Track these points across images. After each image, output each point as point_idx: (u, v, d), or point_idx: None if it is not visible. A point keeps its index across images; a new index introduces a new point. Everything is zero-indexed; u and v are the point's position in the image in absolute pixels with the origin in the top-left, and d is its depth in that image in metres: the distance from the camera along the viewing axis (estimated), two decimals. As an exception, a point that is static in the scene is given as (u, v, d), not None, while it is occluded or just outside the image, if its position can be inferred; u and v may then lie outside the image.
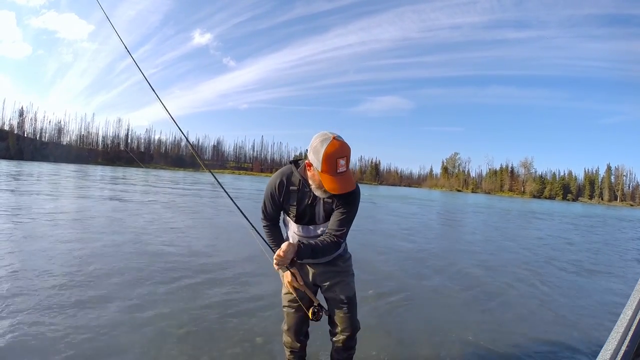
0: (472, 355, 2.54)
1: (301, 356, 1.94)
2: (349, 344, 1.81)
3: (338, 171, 1.44)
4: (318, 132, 1.50)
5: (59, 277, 3.41)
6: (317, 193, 1.57)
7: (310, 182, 1.57)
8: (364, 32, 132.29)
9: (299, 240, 1.59)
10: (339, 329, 1.79)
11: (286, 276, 1.73)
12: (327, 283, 1.77)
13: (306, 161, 1.54)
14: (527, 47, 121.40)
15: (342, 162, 1.43)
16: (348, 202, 1.59)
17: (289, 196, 1.65)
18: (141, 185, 18.92)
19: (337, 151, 1.42)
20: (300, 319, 1.83)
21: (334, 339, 1.83)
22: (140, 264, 4.07)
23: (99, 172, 34.96)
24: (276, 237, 1.75)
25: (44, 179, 18.17)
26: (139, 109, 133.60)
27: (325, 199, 1.62)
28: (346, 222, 1.60)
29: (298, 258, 1.51)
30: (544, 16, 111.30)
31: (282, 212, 1.75)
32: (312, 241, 1.58)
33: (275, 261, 1.48)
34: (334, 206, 1.61)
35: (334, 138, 1.44)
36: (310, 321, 1.80)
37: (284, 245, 1.48)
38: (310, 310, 1.71)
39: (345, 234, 1.62)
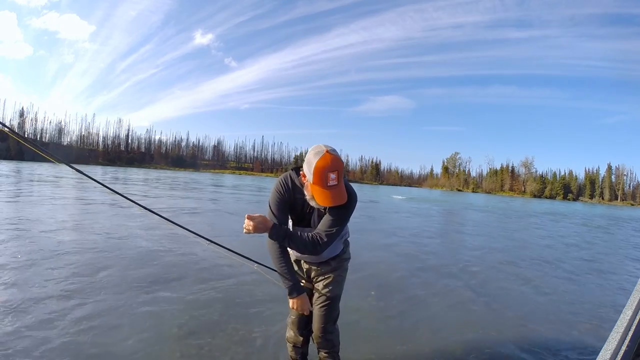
0: (473, 355, 2.53)
1: (303, 353, 1.96)
2: (321, 344, 1.85)
3: (328, 184, 1.45)
4: (319, 145, 1.52)
5: (57, 277, 3.41)
6: (312, 203, 1.58)
7: (305, 192, 1.59)
8: (366, 31, 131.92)
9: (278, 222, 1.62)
10: (311, 325, 1.87)
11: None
12: (316, 277, 1.84)
13: (301, 171, 1.58)
14: (528, 47, 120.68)
15: (332, 175, 1.44)
16: (340, 206, 1.56)
17: (294, 202, 1.67)
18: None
19: (328, 165, 1.44)
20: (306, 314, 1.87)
21: (312, 336, 1.91)
22: (140, 264, 4.08)
23: (124, 174, 34.99)
24: (287, 259, 1.68)
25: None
26: (139, 109, 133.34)
27: (320, 208, 1.64)
28: (335, 224, 1.58)
29: (270, 236, 1.57)
30: (545, 15, 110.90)
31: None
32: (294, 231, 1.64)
33: (244, 224, 1.54)
34: (325, 212, 1.63)
35: (327, 152, 1.46)
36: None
37: (257, 215, 1.55)
38: (311, 298, 1.84)
39: (332, 235, 1.58)
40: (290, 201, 1.67)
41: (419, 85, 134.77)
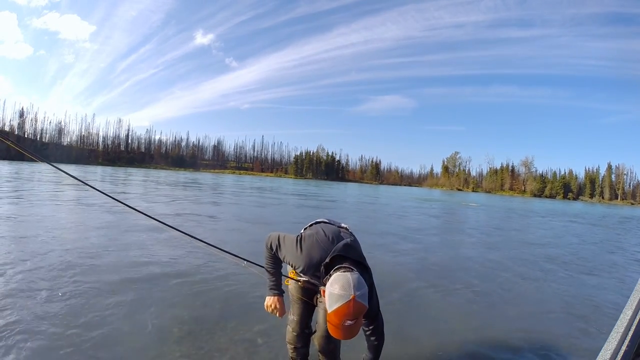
0: (472, 355, 2.53)
1: (304, 354, 1.95)
2: (322, 345, 1.85)
3: (343, 325, 1.36)
4: (345, 277, 1.37)
5: (54, 277, 3.42)
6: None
7: (321, 293, 1.54)
8: (367, 31, 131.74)
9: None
10: (315, 326, 1.87)
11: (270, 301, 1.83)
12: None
13: (322, 288, 1.48)
14: (530, 46, 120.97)
15: (349, 322, 1.34)
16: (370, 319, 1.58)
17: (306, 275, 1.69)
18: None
19: (349, 314, 1.32)
20: (305, 310, 1.90)
21: (312, 337, 1.91)
22: (139, 263, 4.08)
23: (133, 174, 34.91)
24: (277, 265, 1.80)
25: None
26: (139, 109, 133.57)
27: None
28: (374, 313, 1.60)
29: None
30: (547, 15, 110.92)
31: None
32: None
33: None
34: None
35: (353, 299, 1.31)
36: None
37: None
38: (315, 298, 1.85)
39: (382, 320, 1.64)
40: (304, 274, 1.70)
41: (420, 85, 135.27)
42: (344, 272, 1.40)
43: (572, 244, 8.95)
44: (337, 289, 1.35)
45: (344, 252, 1.48)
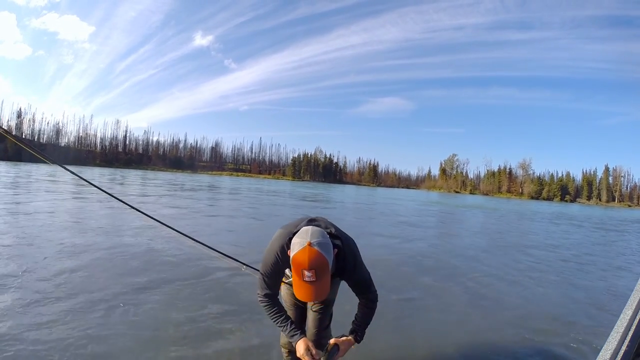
0: (470, 357, 2.54)
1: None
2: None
3: (304, 280, 1.29)
4: (305, 228, 1.38)
5: (51, 278, 3.40)
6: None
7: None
8: (367, 33, 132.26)
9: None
10: (306, 327, 1.87)
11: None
12: None
13: (288, 251, 1.43)
14: (529, 49, 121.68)
15: (307, 273, 1.27)
16: (345, 274, 1.57)
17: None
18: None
19: (304, 262, 1.27)
20: (299, 315, 1.89)
21: None
22: (136, 265, 4.06)
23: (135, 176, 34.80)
24: (280, 310, 1.64)
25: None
26: (138, 110, 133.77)
27: None
28: (366, 284, 1.61)
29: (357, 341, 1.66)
30: (546, 17, 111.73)
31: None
32: (360, 322, 1.66)
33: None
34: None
35: (308, 245, 1.28)
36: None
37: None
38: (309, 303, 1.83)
39: (375, 290, 1.65)
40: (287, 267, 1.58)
41: (419, 87, 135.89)
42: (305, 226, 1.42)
43: (584, 244, 9.00)
44: (297, 239, 1.35)
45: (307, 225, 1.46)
